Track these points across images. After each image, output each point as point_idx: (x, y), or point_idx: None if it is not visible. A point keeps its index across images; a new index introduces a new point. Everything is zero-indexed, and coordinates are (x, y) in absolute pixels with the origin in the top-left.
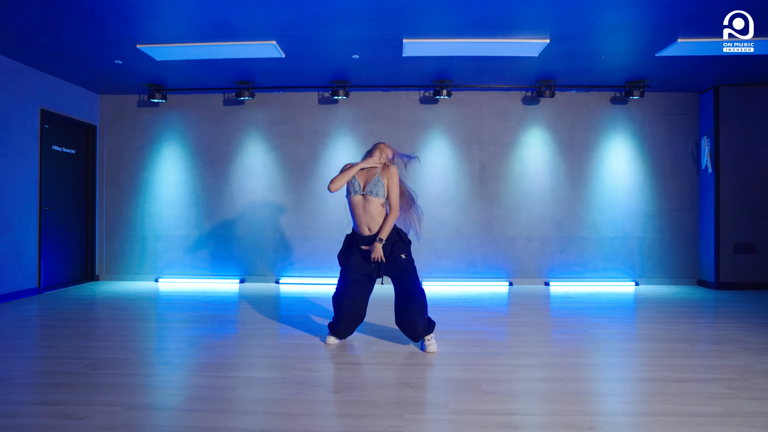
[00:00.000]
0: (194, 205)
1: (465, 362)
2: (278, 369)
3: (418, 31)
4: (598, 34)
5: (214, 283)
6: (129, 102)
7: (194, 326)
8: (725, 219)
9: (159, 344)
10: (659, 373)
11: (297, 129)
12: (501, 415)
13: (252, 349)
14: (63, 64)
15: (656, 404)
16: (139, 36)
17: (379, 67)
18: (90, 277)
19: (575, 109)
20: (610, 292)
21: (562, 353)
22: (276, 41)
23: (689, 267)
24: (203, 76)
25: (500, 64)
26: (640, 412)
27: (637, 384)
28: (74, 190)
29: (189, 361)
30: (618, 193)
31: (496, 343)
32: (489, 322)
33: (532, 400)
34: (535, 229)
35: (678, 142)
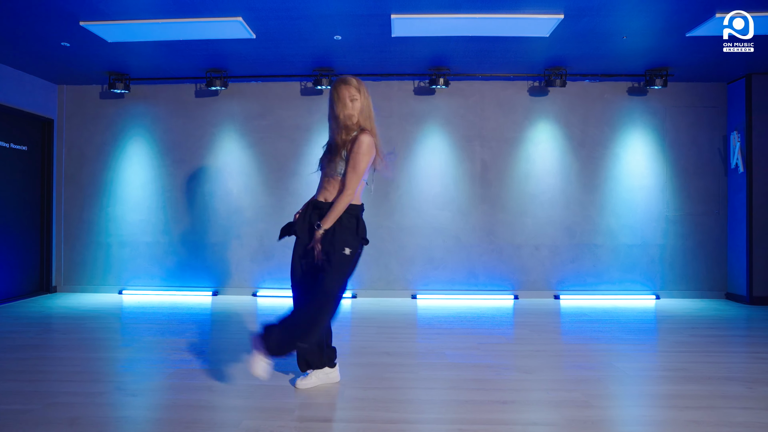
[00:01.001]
0: (163, 209)
1: (465, 418)
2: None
3: (408, 4)
4: (620, 8)
5: (185, 296)
6: (90, 93)
7: (141, 356)
8: (759, 224)
9: (79, 388)
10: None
11: (277, 123)
12: None
13: (194, 394)
14: (4, 46)
15: None
16: (82, 11)
17: (367, 51)
18: (45, 289)
19: (588, 101)
20: (628, 307)
21: (588, 402)
22: (242, 17)
23: (717, 278)
24: (170, 64)
25: (505, 47)
26: None
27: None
28: (26, 191)
29: (105, 414)
30: (636, 196)
31: (502, 384)
32: (492, 351)
33: None
34: (543, 235)
35: (703, 138)
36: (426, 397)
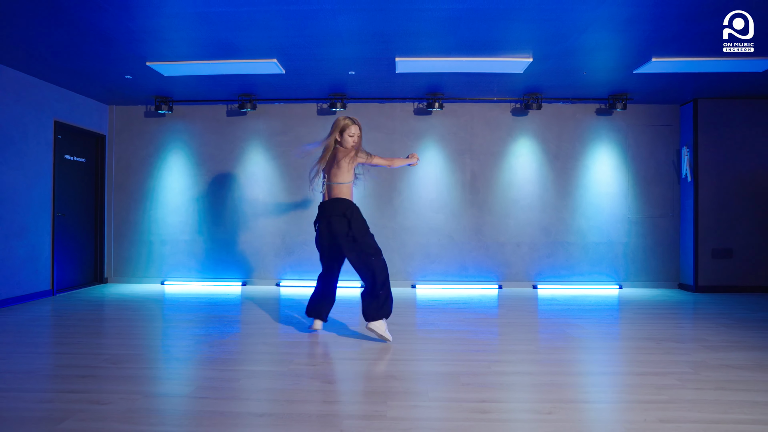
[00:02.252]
0: (198, 212)
1: (447, 358)
2: (278, 363)
3: (409, 50)
4: (578, 54)
5: (218, 286)
6: (136, 112)
7: (199, 326)
8: (704, 225)
9: (168, 342)
10: (620, 368)
11: (296, 139)
12: (473, 402)
13: (254, 346)
14: (75, 79)
15: (611, 393)
16: (149, 54)
17: (375, 82)
18: (99, 280)
19: (562, 120)
20: (594, 295)
21: (537, 351)
22: (277, 59)
23: (671, 271)
24: (207, 89)
25: (489, 79)
26: (594, 400)
27: (597, 377)
28: (85, 197)
29: (196, 356)
30: (603, 200)
31: (478, 341)
32: (475, 323)
33: (503, 390)
34: (523, 234)
35: (660, 151)
36: (422, 348)
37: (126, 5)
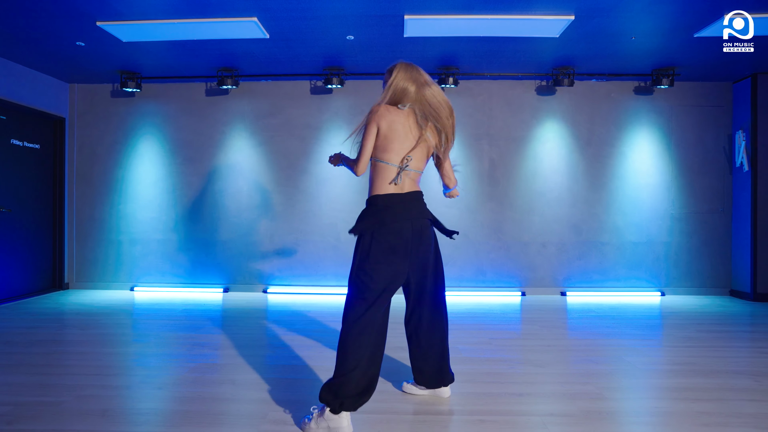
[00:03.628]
0: (174, 206)
1: (481, 410)
2: (245, 420)
3: (421, 5)
4: (630, 9)
5: (196, 293)
6: (101, 92)
7: (161, 351)
8: (763, 222)
9: (107, 381)
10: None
11: (287, 122)
12: None
13: (219, 387)
14: (16, 46)
15: None
16: (99, 12)
17: (378, 51)
18: (58, 286)
19: (595, 100)
20: (633, 304)
21: (602, 394)
22: (257, 17)
23: (721, 275)
24: (181, 63)
25: (514, 47)
26: None
27: None
28: (39, 190)
29: (135, 407)
30: (642, 194)
31: (517, 378)
32: (505, 346)
33: None
34: (550, 233)
35: (709, 136)
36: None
37: None
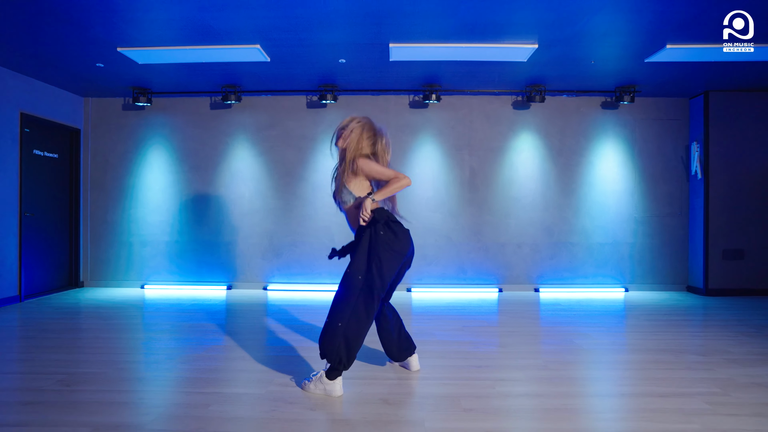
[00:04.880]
0: (181, 211)
1: (446, 376)
2: (255, 384)
3: (404, 35)
4: (586, 40)
5: (201, 290)
6: (114, 105)
7: (177, 337)
8: (714, 225)
9: (138, 357)
10: (641, 387)
11: (285, 133)
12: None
13: (232, 362)
14: (43, 66)
15: (634, 421)
16: (120, 39)
17: (367, 72)
18: (74, 284)
19: (566, 113)
20: (599, 299)
21: (546, 366)
22: (260, 45)
23: (679, 273)
24: (189, 80)
25: (489, 68)
26: (616, 430)
27: (617, 399)
28: (57, 195)
29: (166, 375)
30: (608, 199)
31: (480, 355)
32: (475, 332)
33: (509, 417)
34: (525, 234)
35: (668, 147)
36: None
37: None
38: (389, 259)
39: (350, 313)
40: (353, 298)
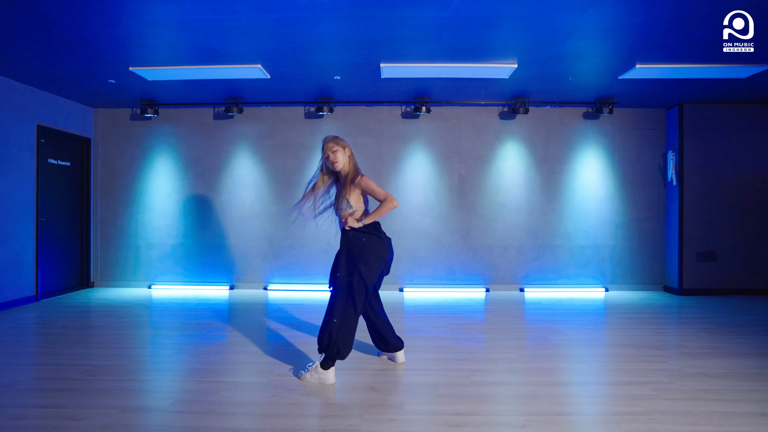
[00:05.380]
0: (185, 215)
1: (427, 368)
2: (258, 374)
3: (393, 56)
4: (562, 60)
5: (205, 290)
6: (122, 116)
7: (184, 333)
8: (688, 228)
9: (151, 351)
10: (599, 377)
11: (284, 142)
12: (448, 415)
13: (236, 356)
14: (58, 83)
15: (586, 405)
16: (132, 60)
17: (361, 86)
18: (85, 284)
19: (549, 123)
20: (580, 298)
21: (518, 359)
22: (261, 65)
23: (656, 274)
24: (194, 93)
25: (475, 83)
26: (569, 412)
27: (575, 387)
28: (70, 201)
29: (178, 366)
30: (590, 204)
31: (460, 349)
32: (459, 329)
33: (479, 402)
34: (510, 237)
35: (646, 155)
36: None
37: (105, 13)
38: (373, 263)
39: (342, 310)
40: (345, 297)
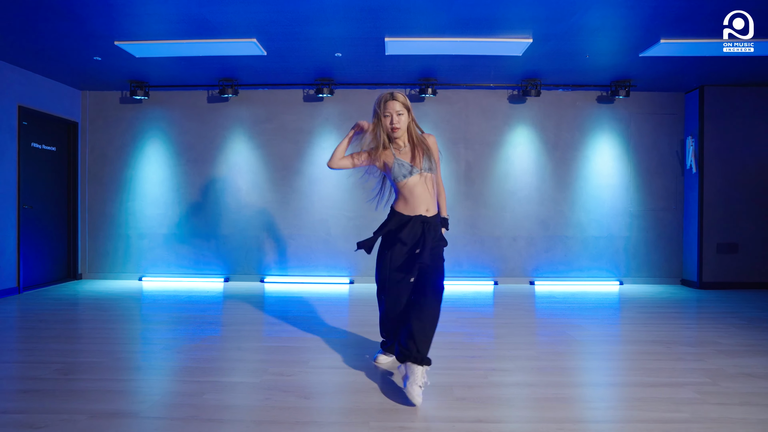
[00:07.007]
0: (178, 203)
1: (439, 366)
2: (250, 373)
3: (399, 29)
4: (581, 34)
5: (199, 282)
6: (111, 98)
7: (174, 328)
8: (708, 219)
9: (135, 347)
10: (631, 377)
11: (282, 127)
12: (468, 422)
13: (227, 352)
14: (41, 60)
15: (624, 410)
16: (117, 33)
17: (363, 65)
18: (73, 276)
19: (561, 108)
20: (594, 292)
21: (538, 357)
22: (256, 39)
23: (673, 266)
24: (186, 73)
25: (485, 62)
26: (606, 419)
27: (607, 389)
28: (56, 188)
29: (163, 364)
30: (603, 193)
31: (473, 346)
32: (470, 323)
33: (501, 406)
34: (520, 228)
35: (663, 141)
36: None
37: None
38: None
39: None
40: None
